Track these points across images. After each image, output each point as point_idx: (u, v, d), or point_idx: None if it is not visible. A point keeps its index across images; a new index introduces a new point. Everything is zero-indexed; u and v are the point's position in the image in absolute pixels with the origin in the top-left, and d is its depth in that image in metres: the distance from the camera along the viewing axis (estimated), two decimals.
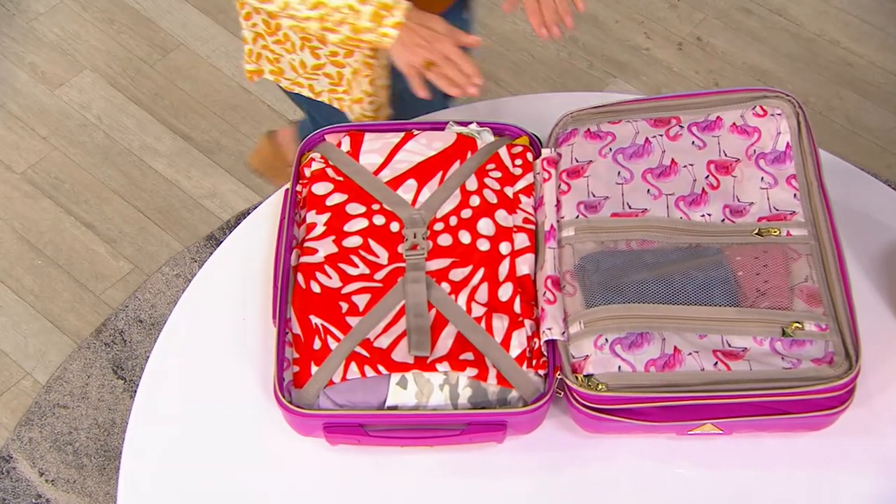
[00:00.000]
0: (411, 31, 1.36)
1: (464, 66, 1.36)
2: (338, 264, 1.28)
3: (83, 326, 2.28)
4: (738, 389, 1.15)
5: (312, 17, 1.36)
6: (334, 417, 1.17)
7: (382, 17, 1.35)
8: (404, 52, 1.36)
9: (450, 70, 1.36)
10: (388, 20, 1.35)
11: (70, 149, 2.54)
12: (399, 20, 1.35)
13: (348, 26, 1.36)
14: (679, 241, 1.28)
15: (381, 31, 1.35)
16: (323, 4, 1.35)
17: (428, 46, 1.35)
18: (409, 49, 1.36)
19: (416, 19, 1.37)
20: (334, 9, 1.34)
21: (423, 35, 1.36)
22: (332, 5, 1.34)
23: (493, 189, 1.35)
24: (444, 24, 1.38)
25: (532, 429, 1.23)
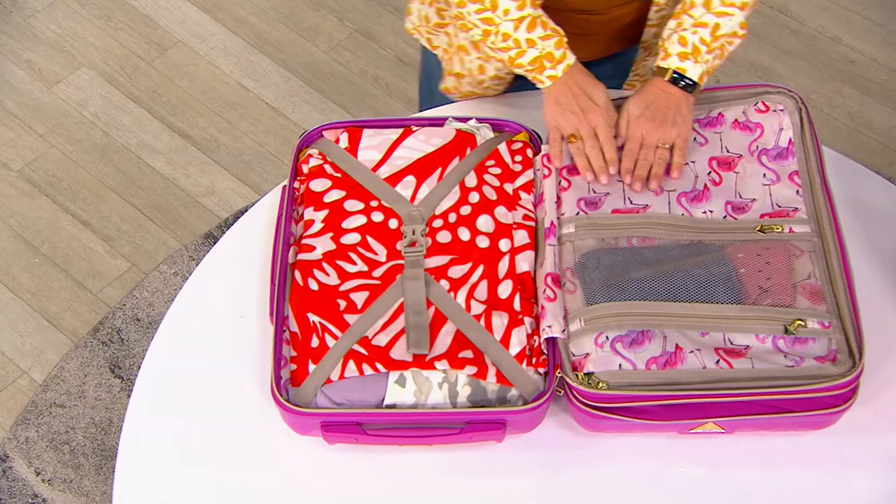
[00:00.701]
0: (569, 93, 1.36)
1: (607, 151, 1.35)
2: (336, 261, 1.27)
3: (80, 325, 2.27)
4: (740, 388, 1.15)
5: (479, 27, 1.36)
6: (332, 416, 1.17)
7: (544, 68, 1.36)
8: (555, 111, 1.36)
9: (592, 150, 1.35)
10: (548, 72, 1.36)
11: (67, 146, 2.53)
12: (558, 74, 1.35)
13: (507, 56, 1.37)
14: (680, 238, 1.27)
15: (537, 76, 1.37)
16: (493, 24, 1.35)
17: (580, 115, 1.35)
18: (560, 111, 1.36)
19: (580, 82, 1.36)
20: (502, 36, 1.35)
21: (581, 103, 1.35)
22: (502, 31, 1.35)
23: (493, 185, 1.34)
24: (606, 96, 1.37)
25: (532, 427, 1.22)
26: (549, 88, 1.37)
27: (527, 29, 1.34)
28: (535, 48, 1.34)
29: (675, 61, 1.36)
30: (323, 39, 2.74)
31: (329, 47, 2.72)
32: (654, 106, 1.35)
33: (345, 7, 2.80)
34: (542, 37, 1.34)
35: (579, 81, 1.36)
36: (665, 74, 1.37)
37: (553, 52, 1.35)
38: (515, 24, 1.34)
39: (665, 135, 1.34)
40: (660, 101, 1.35)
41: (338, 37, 2.74)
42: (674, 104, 1.35)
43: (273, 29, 2.75)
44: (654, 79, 1.38)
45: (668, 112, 1.35)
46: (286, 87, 2.64)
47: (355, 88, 2.64)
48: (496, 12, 1.34)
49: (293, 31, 2.75)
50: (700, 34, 1.35)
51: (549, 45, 1.35)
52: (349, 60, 2.70)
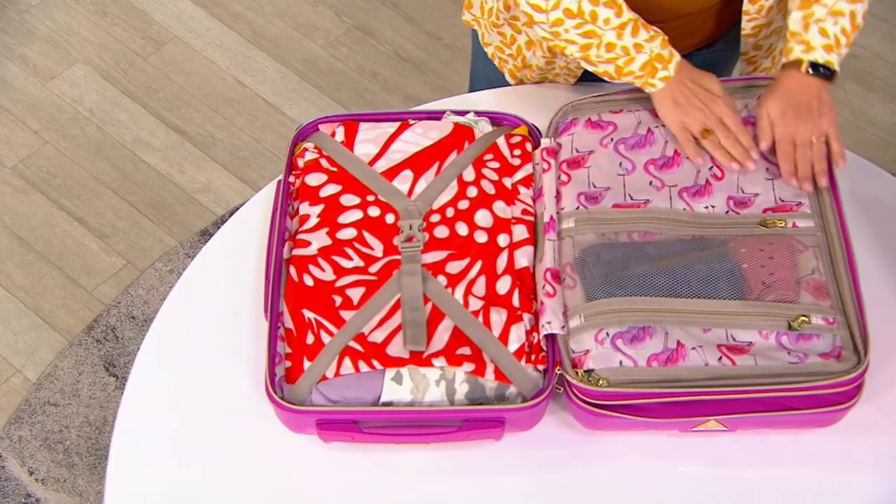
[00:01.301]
0: (685, 90, 1.32)
1: (741, 137, 1.31)
2: (331, 257, 1.26)
3: (74, 323, 2.26)
4: (742, 385, 1.14)
5: (578, 42, 1.33)
6: (327, 414, 1.16)
7: (656, 71, 1.32)
8: (677, 111, 1.33)
9: (727, 140, 1.31)
10: (661, 74, 1.32)
11: (62, 143, 2.53)
12: (670, 74, 1.32)
13: (613, 66, 1.33)
14: (682, 233, 1.26)
15: (648, 80, 1.33)
16: (595, 36, 1.32)
17: (705, 110, 1.31)
18: (683, 110, 1.32)
19: (689, 76, 1.33)
20: (606, 46, 1.32)
21: (701, 97, 1.32)
22: (606, 40, 1.31)
23: (491, 180, 1.33)
24: (719, 83, 1.34)
25: (531, 425, 1.21)
26: (662, 91, 1.33)
27: (631, 34, 1.31)
28: (643, 52, 1.31)
29: (822, 55, 1.31)
30: (320, 35, 2.73)
31: (326, 43, 2.71)
32: (795, 101, 1.31)
33: (342, 2, 2.80)
34: (648, 39, 1.31)
35: (691, 76, 1.33)
36: (801, 66, 1.31)
37: (661, 52, 1.32)
38: (618, 32, 1.31)
39: (817, 127, 1.30)
40: (800, 95, 1.31)
41: (335, 32, 2.73)
42: (816, 95, 1.31)
43: (270, 24, 2.75)
44: (789, 72, 1.32)
45: (812, 103, 1.31)
46: (283, 82, 2.63)
47: (353, 84, 2.63)
48: (597, 23, 1.30)
49: (290, 27, 2.74)
50: (841, 24, 1.31)
51: (655, 46, 1.32)
52: (347, 56, 2.69)
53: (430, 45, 2.70)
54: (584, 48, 1.33)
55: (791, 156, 1.30)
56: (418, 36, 2.72)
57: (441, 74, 2.65)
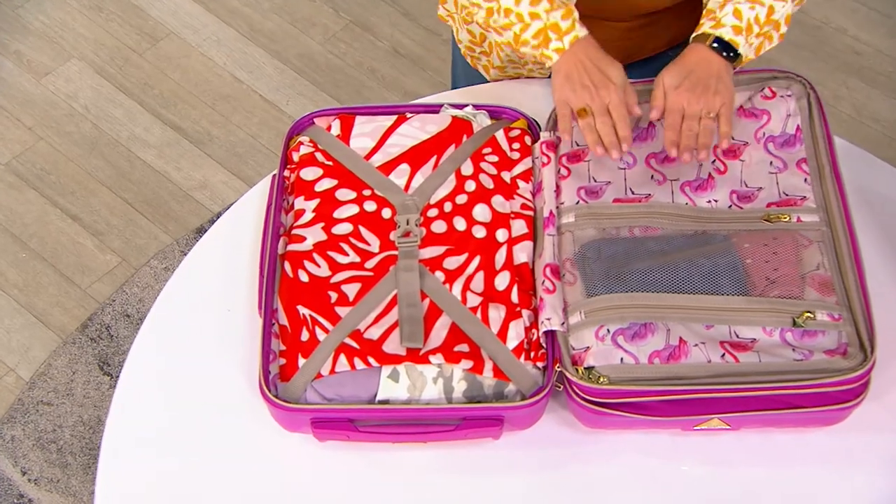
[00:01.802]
0: (581, 67, 1.29)
1: (620, 127, 1.28)
2: (327, 252, 1.25)
3: (69, 321, 2.25)
4: (746, 382, 1.13)
5: (482, 6, 1.32)
6: (322, 412, 1.15)
7: (549, 41, 1.30)
8: (565, 85, 1.30)
9: (603, 127, 1.28)
10: (553, 44, 1.29)
11: (56, 139, 2.52)
12: (564, 47, 1.29)
13: (511, 34, 1.31)
14: (684, 228, 1.26)
15: (543, 51, 1.31)
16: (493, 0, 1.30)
17: (592, 91, 1.28)
18: (570, 85, 1.29)
19: (592, 56, 1.30)
20: (504, 11, 1.30)
21: (594, 78, 1.29)
22: (503, 6, 1.30)
23: (490, 174, 1.32)
24: (622, 74, 1.30)
25: (530, 424, 1.20)
26: (559, 64, 1.30)
27: (530, 3, 1.29)
28: (538, 20, 1.29)
29: (729, 32, 1.30)
30: (318, 30, 2.73)
31: (324, 38, 2.71)
32: (693, 75, 1.29)
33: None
34: (548, 9, 1.29)
35: (592, 56, 1.29)
36: (707, 40, 1.30)
37: (559, 22, 1.29)
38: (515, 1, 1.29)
39: (709, 104, 1.28)
40: (699, 70, 1.29)
41: (333, 28, 2.73)
42: (715, 72, 1.29)
43: (267, 20, 2.74)
44: (695, 45, 1.31)
45: (710, 80, 1.29)
46: (280, 79, 2.63)
47: (351, 80, 2.63)
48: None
49: (287, 22, 2.73)
50: (757, 11, 1.30)
51: (554, 16, 1.29)
52: (345, 52, 2.69)
53: (428, 40, 2.70)
54: (488, 13, 1.32)
55: (677, 127, 1.28)
56: (417, 31, 2.72)
57: (439, 70, 2.64)
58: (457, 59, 1.67)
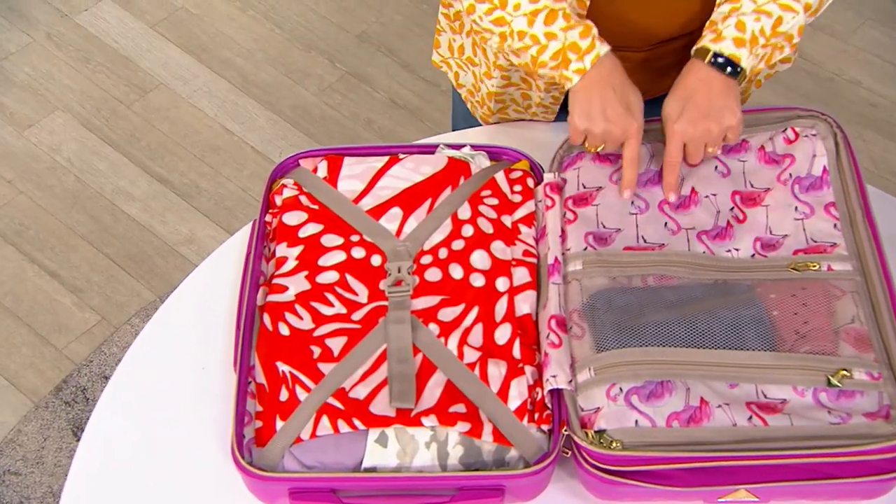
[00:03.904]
0: (603, 96, 1.23)
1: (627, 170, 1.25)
2: (310, 303, 1.20)
3: (42, 384, 2.20)
4: (776, 449, 1.06)
5: (494, 32, 1.26)
6: (302, 481, 1.09)
7: (569, 62, 1.23)
8: (585, 114, 1.23)
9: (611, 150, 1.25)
10: (574, 66, 1.23)
11: (37, 193, 2.52)
12: (586, 67, 1.22)
13: (528, 57, 1.25)
14: (703, 277, 1.20)
15: (563, 73, 1.24)
16: (505, 23, 1.25)
17: (611, 127, 1.23)
18: (589, 116, 1.23)
19: (615, 83, 1.24)
20: (517, 34, 1.24)
21: (616, 111, 1.22)
22: (517, 28, 1.24)
23: (489, 218, 1.27)
24: (641, 107, 1.24)
25: (534, 495, 1.13)
26: (579, 88, 1.23)
27: (544, 22, 1.22)
28: (555, 40, 1.23)
29: (730, 46, 1.22)
30: (313, 81, 2.74)
31: (319, 90, 2.72)
32: (692, 101, 1.22)
33: (336, 49, 2.81)
34: (564, 28, 1.22)
35: (616, 83, 1.23)
36: (706, 56, 1.23)
37: (578, 42, 1.22)
38: (529, 19, 1.22)
39: (710, 135, 1.23)
40: (699, 94, 1.22)
41: (328, 79, 2.74)
42: (716, 94, 1.22)
43: (260, 71, 2.76)
44: (693, 65, 1.24)
45: (714, 104, 1.22)
46: (273, 130, 2.63)
47: (346, 132, 2.63)
48: (506, 9, 1.23)
49: (281, 73, 2.75)
50: (762, 23, 1.22)
51: (572, 35, 1.22)
52: (340, 103, 2.69)
53: (427, 92, 2.71)
54: (502, 38, 1.26)
55: (675, 167, 1.25)
56: (415, 83, 2.73)
57: (438, 122, 2.65)
58: (457, 104, 1.63)
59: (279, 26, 2.81)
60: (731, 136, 1.23)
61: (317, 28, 2.81)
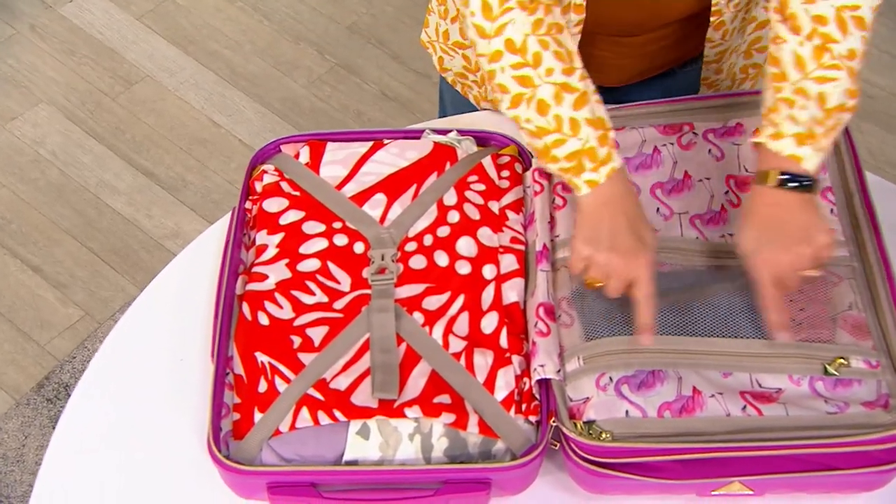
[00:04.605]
0: (612, 222, 1.10)
1: (642, 312, 1.09)
2: (291, 292, 1.19)
3: (23, 380, 2.18)
4: (771, 439, 1.06)
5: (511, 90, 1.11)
6: (280, 475, 1.08)
7: (583, 169, 1.10)
8: (592, 238, 1.11)
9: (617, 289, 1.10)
10: (587, 176, 1.10)
11: (20, 186, 2.50)
12: (599, 180, 1.10)
13: (541, 142, 1.12)
14: (696, 264, 1.19)
15: (573, 179, 1.12)
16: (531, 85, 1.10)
17: (618, 262, 1.09)
18: (594, 246, 1.10)
19: (629, 212, 1.11)
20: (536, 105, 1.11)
21: (626, 243, 1.09)
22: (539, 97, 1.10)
23: (476, 204, 1.25)
24: (654, 239, 1.12)
25: (522, 488, 1.13)
26: (588, 202, 1.11)
27: (573, 105, 1.10)
28: (577, 138, 1.10)
29: (791, 145, 1.09)
30: (302, 73, 2.72)
31: (308, 82, 2.70)
32: (774, 228, 1.10)
33: (326, 40, 2.79)
34: (590, 121, 1.10)
35: (629, 212, 1.11)
36: (767, 179, 1.10)
37: (596, 148, 1.10)
38: (557, 92, 1.10)
39: (802, 259, 1.09)
40: (778, 219, 1.10)
41: (318, 71, 2.72)
42: (798, 212, 1.10)
43: (248, 63, 2.74)
44: (758, 191, 1.11)
45: (798, 226, 1.09)
46: (261, 123, 2.61)
47: (336, 124, 2.61)
48: (537, 70, 1.10)
49: (270, 65, 2.74)
50: (811, 111, 1.09)
51: (593, 137, 1.10)
52: (330, 95, 2.68)
53: (417, 83, 2.70)
54: (515, 101, 1.12)
55: (777, 302, 1.09)
56: (406, 74, 2.72)
57: (429, 113, 2.63)
58: (444, 89, 1.59)
59: (267, 17, 2.80)
60: (825, 256, 1.10)
61: (306, 19, 2.80)
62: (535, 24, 1.10)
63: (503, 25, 1.10)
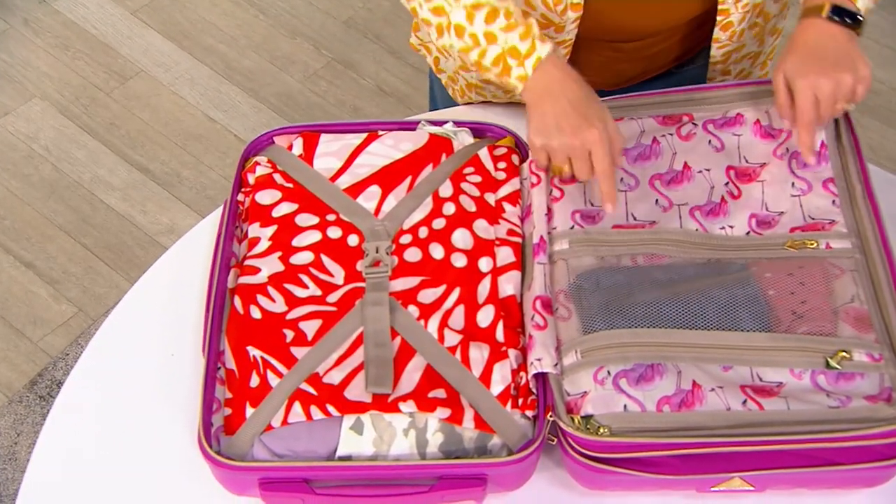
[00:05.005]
0: (554, 108, 1.14)
1: (603, 183, 1.15)
2: (283, 285, 1.18)
3: (16, 378, 2.17)
4: (772, 434, 1.05)
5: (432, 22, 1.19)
6: (272, 471, 1.06)
7: (510, 68, 1.15)
8: (541, 128, 1.15)
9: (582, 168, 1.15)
10: (516, 72, 1.15)
11: (13, 182, 2.48)
12: (527, 74, 1.15)
13: (471, 60, 1.18)
14: (695, 256, 1.18)
15: (507, 80, 1.16)
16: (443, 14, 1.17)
17: (571, 138, 1.14)
18: (545, 128, 1.15)
19: (568, 92, 1.15)
20: (455, 30, 1.17)
21: (573, 122, 1.14)
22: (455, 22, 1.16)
23: (472, 195, 1.24)
24: (607, 114, 1.16)
25: (518, 484, 1.12)
26: (529, 95, 1.16)
27: (485, 20, 1.15)
28: (495, 44, 1.16)
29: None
30: (298, 68, 2.71)
31: (304, 77, 2.69)
32: (818, 54, 1.15)
33: (322, 35, 2.78)
34: (505, 27, 1.15)
35: (570, 93, 1.15)
36: (822, 10, 1.16)
37: (517, 45, 1.15)
38: (469, 13, 1.15)
39: (843, 86, 1.15)
40: (824, 47, 1.15)
41: (314, 66, 2.71)
42: (842, 45, 1.15)
43: (244, 57, 2.73)
44: (808, 21, 1.17)
45: (844, 54, 1.15)
46: (256, 118, 2.60)
47: (332, 119, 2.62)
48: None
49: (265, 60, 2.73)
50: None
51: (512, 38, 1.15)
52: (326, 90, 2.67)
53: (414, 78, 2.69)
54: (438, 31, 1.18)
55: (812, 123, 1.16)
56: (402, 69, 2.71)
57: (426, 108, 2.58)
58: (436, 88, 1.59)
59: (263, 12, 2.79)
60: (861, 91, 1.16)
61: (302, 14, 2.79)
62: None
63: None
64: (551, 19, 1.23)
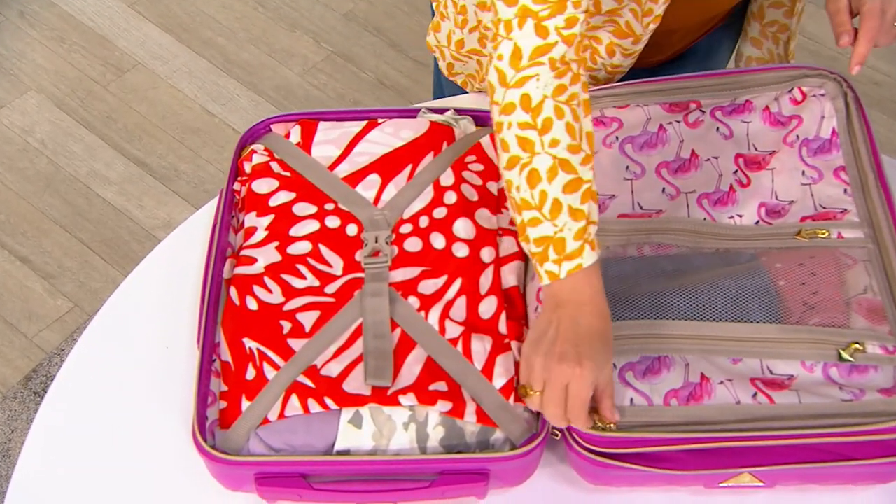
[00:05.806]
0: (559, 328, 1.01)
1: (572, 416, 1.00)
2: (281, 276, 1.16)
3: (10, 373, 2.16)
4: (783, 428, 1.03)
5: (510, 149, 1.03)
6: (269, 465, 1.05)
7: (546, 259, 1.02)
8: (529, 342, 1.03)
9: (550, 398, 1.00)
10: (547, 266, 1.02)
11: (7, 176, 2.47)
12: (558, 275, 1.01)
13: (519, 218, 1.04)
14: (703, 246, 1.16)
15: (537, 265, 1.04)
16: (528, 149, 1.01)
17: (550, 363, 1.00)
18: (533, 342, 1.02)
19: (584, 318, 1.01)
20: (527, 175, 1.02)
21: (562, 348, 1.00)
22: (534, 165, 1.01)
23: (474, 184, 1.22)
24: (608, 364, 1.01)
25: (521, 480, 1.11)
26: (546, 301, 1.04)
27: (563, 187, 1.01)
28: (552, 223, 1.01)
29: None
30: (297, 62, 2.70)
31: (304, 70, 2.68)
32: None
33: (322, 28, 2.77)
34: (572, 209, 1.01)
35: (584, 324, 1.01)
36: None
37: (567, 240, 1.01)
38: (553, 167, 1.01)
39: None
40: None
41: (313, 59, 2.70)
42: None
43: (242, 51, 2.72)
44: None
45: None
46: (255, 111, 2.59)
47: None
48: (542, 137, 1.02)
49: (264, 53, 2.71)
50: None
51: (569, 227, 1.01)
52: (325, 84, 2.66)
53: (415, 71, 2.68)
54: (511, 163, 1.03)
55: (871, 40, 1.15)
56: (403, 63, 2.70)
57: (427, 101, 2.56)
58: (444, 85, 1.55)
59: (262, 5, 2.77)
60: None
61: (302, 6, 2.77)
62: (558, 89, 1.01)
63: (526, 78, 1.01)
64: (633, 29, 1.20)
